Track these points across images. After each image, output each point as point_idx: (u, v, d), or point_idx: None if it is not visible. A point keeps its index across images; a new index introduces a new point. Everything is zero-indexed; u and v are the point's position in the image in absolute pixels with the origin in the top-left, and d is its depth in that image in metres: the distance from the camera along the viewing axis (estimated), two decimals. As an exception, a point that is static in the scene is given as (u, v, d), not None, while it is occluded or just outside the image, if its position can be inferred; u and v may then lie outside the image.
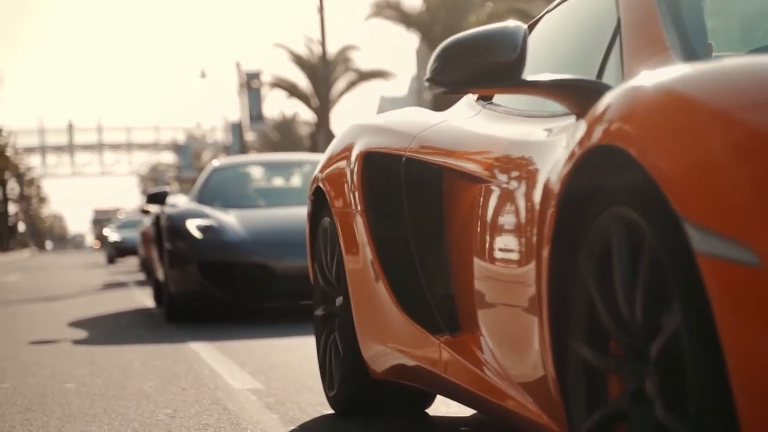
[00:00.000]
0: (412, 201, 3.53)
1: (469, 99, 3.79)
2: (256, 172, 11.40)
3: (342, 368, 4.07)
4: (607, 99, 2.18)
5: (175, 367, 6.12)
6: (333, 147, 4.28)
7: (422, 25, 39.94)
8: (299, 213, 8.87)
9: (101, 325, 9.57)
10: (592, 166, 2.23)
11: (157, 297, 11.31)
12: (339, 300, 4.09)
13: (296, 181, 11.23)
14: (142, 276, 20.25)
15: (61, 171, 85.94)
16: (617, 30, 2.88)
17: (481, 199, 3.07)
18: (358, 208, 3.76)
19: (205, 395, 5.02)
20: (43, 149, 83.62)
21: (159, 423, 4.32)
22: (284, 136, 62.78)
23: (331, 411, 4.37)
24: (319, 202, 4.35)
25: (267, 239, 9.07)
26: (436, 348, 3.35)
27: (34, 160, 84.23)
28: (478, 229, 3.07)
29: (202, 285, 8.96)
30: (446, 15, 39.49)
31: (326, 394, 4.34)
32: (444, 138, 3.47)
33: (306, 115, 69.02)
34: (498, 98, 3.59)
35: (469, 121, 3.54)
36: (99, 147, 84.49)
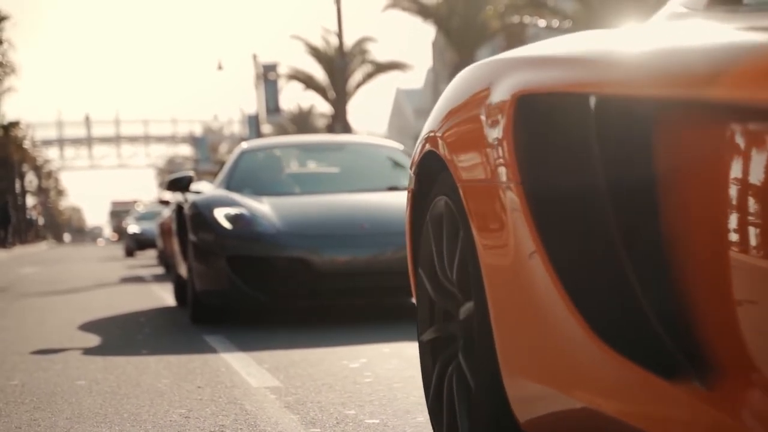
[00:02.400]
0: (609, 165, 2.19)
1: (674, 8, 2.50)
2: (290, 156, 10.17)
3: (473, 414, 2.72)
4: None
5: (190, 363, 5.90)
6: (454, 94, 2.94)
7: (439, 16, 39.67)
8: (341, 201, 8.47)
9: (116, 319, 9.36)
10: None
11: (179, 295, 10.34)
12: (464, 311, 2.80)
13: (335, 165, 9.99)
14: (160, 270, 20.03)
15: (78, 164, 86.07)
16: None
17: (740, 158, 1.80)
18: (511, 178, 2.44)
19: (221, 394, 4.81)
20: (61, 142, 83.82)
21: (173, 424, 4.10)
22: (301, 128, 62.58)
23: (354, 412, 4.15)
24: (428, 175, 3.07)
25: (306, 230, 7.93)
26: (661, 398, 2.00)
27: (52, 153, 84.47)
28: (737, 206, 1.80)
29: (231, 282, 7.84)
30: (464, 6, 39.21)
31: None
32: (662, 63, 2.02)
33: (322, 107, 68.84)
34: None
35: (700, 28, 2.20)
36: (117, 140, 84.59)
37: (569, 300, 2.23)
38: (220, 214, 8.06)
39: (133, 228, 32.50)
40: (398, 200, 8.09)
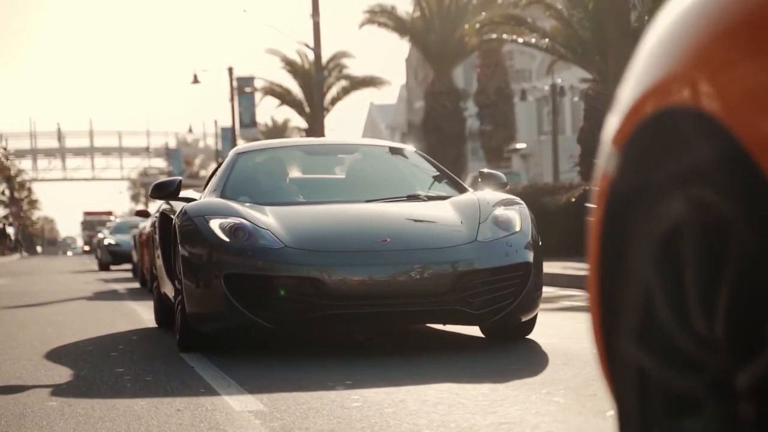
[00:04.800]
0: None
1: None
2: (292, 159, 8.84)
3: None
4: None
5: (168, 384, 5.64)
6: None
7: (416, 33, 39.55)
8: (356, 211, 7.28)
9: (89, 335, 9.06)
10: None
11: (161, 317, 9.29)
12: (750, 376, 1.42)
13: (344, 170, 8.73)
14: (135, 284, 19.60)
15: (51, 175, 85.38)
16: None
17: None
18: None
19: (202, 418, 4.56)
20: (34, 152, 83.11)
21: (152, 451, 3.86)
22: (276, 142, 62.33)
23: (344, 439, 3.91)
24: (660, 154, 1.65)
25: (317, 245, 6.70)
26: None
27: (25, 164, 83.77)
28: None
29: (229, 305, 6.62)
30: (441, 23, 39.12)
31: None
32: None
33: (297, 121, 68.60)
34: None
35: None
36: (90, 151, 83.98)
37: None
38: (216, 225, 6.85)
39: (108, 240, 31.01)
40: (422, 211, 7.25)
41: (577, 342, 6.98)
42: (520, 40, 26.03)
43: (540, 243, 7.19)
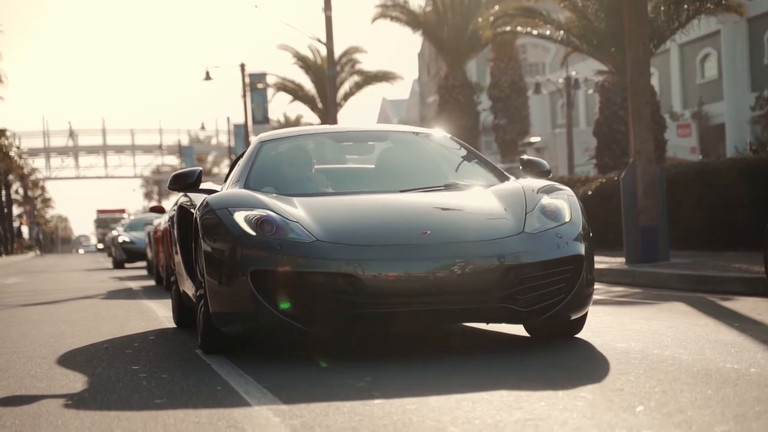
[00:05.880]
0: None
1: None
2: (320, 148, 8.31)
3: None
4: None
5: (184, 381, 5.53)
6: None
7: (429, 26, 39.40)
8: (391, 201, 6.72)
9: (104, 333, 8.96)
10: None
11: (181, 317, 8.88)
12: None
13: (375, 158, 8.00)
14: (151, 281, 19.47)
15: (65, 173, 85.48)
16: None
17: None
18: None
19: (220, 416, 4.44)
20: (47, 151, 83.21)
21: (169, 451, 3.74)
22: (289, 138, 62.19)
23: (367, 437, 3.78)
24: None
25: (352, 239, 6.14)
26: None
27: (38, 163, 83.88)
28: None
29: (256, 304, 6.06)
30: (454, 16, 38.97)
31: None
32: None
33: (310, 117, 68.49)
34: None
35: None
36: (103, 149, 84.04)
37: None
38: (241, 218, 6.31)
39: (122, 237, 30.38)
40: (463, 201, 6.74)
41: (599, 336, 6.84)
42: (535, 32, 25.84)
43: (591, 234, 6.67)
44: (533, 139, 45.03)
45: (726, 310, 8.57)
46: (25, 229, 72.21)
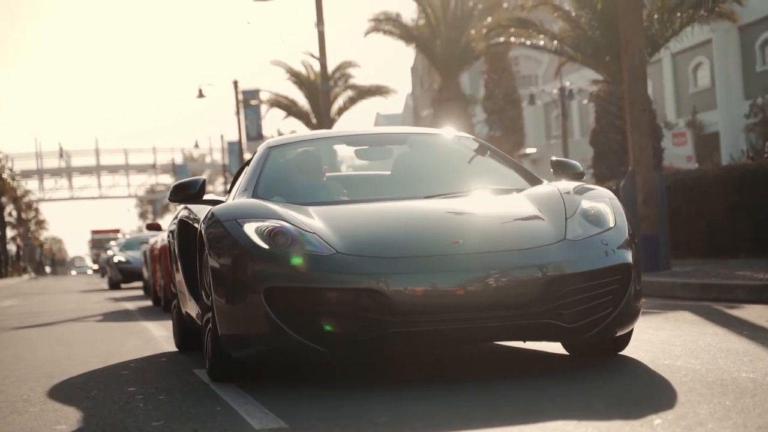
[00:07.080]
0: None
1: None
2: (332, 153, 7.75)
3: None
4: None
5: (183, 402, 5.36)
6: None
7: (422, 40, 39.33)
8: (416, 209, 6.12)
9: (100, 353, 8.78)
10: None
11: (183, 340, 8.31)
12: None
13: (392, 164, 7.38)
14: (147, 302, 19.11)
15: (58, 194, 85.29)
16: None
17: None
18: None
19: (220, 439, 4.27)
20: (40, 172, 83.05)
21: (167, 477, 3.57)
22: (283, 155, 62.11)
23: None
24: None
25: (376, 250, 5.51)
26: None
27: (31, 184, 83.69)
28: None
29: (271, 324, 5.42)
30: (447, 29, 38.90)
31: None
32: None
33: (304, 132, 68.38)
34: None
35: None
36: (96, 169, 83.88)
37: None
38: (252, 230, 5.69)
39: (118, 257, 29.77)
40: (495, 206, 6.17)
41: (608, 347, 6.67)
42: (529, 42, 25.75)
43: (637, 241, 6.14)
44: (529, 151, 44.96)
45: (733, 318, 8.42)
46: (12, 248, 71.96)
